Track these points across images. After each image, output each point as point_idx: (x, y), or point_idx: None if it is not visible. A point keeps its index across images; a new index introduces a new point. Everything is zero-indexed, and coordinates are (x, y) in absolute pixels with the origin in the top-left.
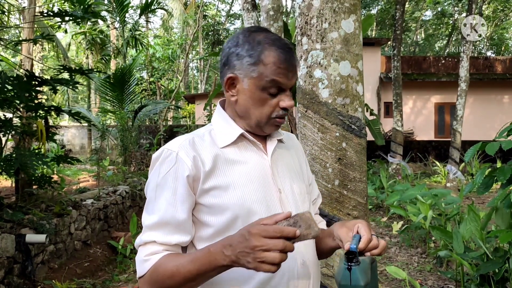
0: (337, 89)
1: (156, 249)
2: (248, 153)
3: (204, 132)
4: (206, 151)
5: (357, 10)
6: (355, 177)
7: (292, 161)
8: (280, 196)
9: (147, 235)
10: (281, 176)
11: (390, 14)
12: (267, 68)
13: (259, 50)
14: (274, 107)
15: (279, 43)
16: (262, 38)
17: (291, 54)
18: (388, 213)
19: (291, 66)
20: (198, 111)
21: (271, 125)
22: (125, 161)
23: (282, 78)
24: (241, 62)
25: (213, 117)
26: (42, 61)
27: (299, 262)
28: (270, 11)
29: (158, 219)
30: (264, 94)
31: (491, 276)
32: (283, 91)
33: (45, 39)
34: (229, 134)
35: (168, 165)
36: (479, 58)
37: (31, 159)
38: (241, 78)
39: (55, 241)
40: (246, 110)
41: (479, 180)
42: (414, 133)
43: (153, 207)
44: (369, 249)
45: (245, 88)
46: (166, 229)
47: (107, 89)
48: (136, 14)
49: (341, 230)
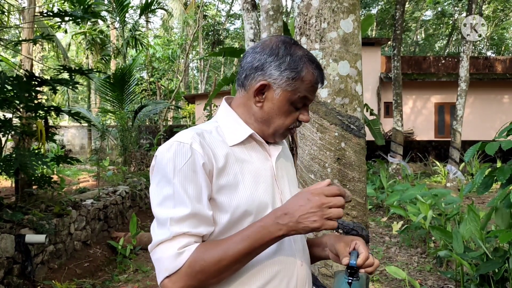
0: (336, 89)
1: (188, 240)
2: (255, 153)
3: (211, 128)
4: (218, 147)
5: (356, 10)
6: (354, 177)
7: (289, 167)
8: (281, 197)
9: (176, 228)
10: (282, 179)
11: (390, 14)
12: (303, 85)
13: (301, 67)
14: (295, 119)
15: (316, 62)
16: (303, 54)
17: (323, 73)
18: (388, 213)
19: (321, 84)
20: (198, 111)
21: (283, 135)
22: (125, 161)
23: (311, 95)
24: (281, 73)
25: (218, 114)
26: (42, 61)
27: (299, 263)
28: (269, 11)
29: (188, 211)
30: (291, 107)
31: (490, 276)
32: (305, 106)
33: (45, 39)
34: (239, 134)
35: (183, 157)
36: (479, 58)
37: (31, 159)
38: (274, 88)
39: (55, 241)
40: (268, 118)
41: (479, 180)
42: (414, 133)
43: (175, 201)
44: (365, 266)
45: (275, 98)
46: (195, 220)
47: (107, 89)
48: (136, 14)
49: (338, 245)
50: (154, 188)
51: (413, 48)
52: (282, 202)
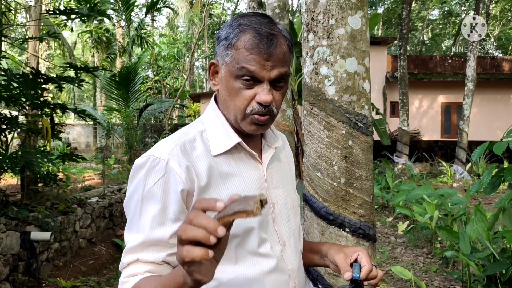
0: (343, 86)
1: (137, 270)
2: (243, 164)
3: (194, 135)
4: (200, 160)
5: (364, 7)
6: (361, 175)
7: (285, 168)
8: (273, 211)
9: (129, 257)
10: (275, 188)
11: (396, 13)
12: (239, 53)
13: (235, 33)
14: (249, 100)
15: (257, 26)
16: (245, 21)
17: (270, 41)
18: (394, 213)
19: (267, 55)
20: (203, 110)
21: (249, 123)
22: (130, 160)
23: (254, 66)
24: (219, 46)
25: (205, 114)
26: (48, 59)
27: (292, 285)
28: (276, 9)
29: (143, 239)
30: (237, 83)
31: (498, 277)
32: (259, 82)
33: (51, 37)
34: (224, 142)
35: (155, 175)
36: (486, 58)
37: (37, 157)
38: (220, 65)
39: (60, 239)
40: (224, 102)
41: (486, 180)
42: (420, 133)
43: (137, 225)
44: (368, 278)
45: (223, 76)
46: (149, 247)
47: (113, 87)
48: (142, 12)
49: (338, 256)
50: (125, 202)
51: (419, 47)
52: (275, 217)
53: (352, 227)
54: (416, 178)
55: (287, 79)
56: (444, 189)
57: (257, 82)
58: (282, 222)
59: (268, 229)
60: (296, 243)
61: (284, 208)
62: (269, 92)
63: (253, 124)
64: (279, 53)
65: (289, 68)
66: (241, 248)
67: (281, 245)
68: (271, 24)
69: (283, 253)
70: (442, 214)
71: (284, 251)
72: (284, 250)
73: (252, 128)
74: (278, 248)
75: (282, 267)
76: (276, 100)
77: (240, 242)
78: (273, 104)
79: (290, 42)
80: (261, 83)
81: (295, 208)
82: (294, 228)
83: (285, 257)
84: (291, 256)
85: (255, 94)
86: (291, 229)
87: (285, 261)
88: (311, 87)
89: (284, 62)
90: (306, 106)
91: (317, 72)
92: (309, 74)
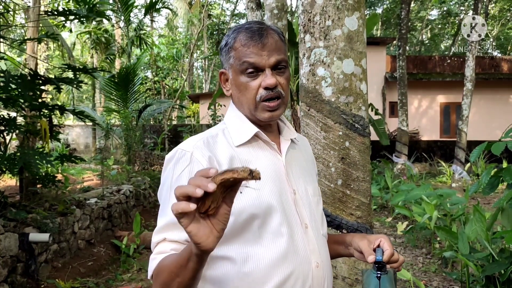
0: (340, 87)
1: (164, 248)
2: (262, 152)
3: (217, 132)
4: (222, 151)
5: (361, 7)
6: (358, 176)
7: (305, 163)
8: (294, 197)
9: (157, 237)
10: (295, 177)
11: (395, 14)
12: (238, 52)
13: (232, 37)
14: (256, 89)
15: (248, 26)
16: (238, 27)
17: (260, 33)
18: (393, 213)
19: (260, 44)
20: (202, 110)
21: (262, 110)
22: (129, 160)
23: (253, 57)
24: (222, 54)
25: (226, 116)
26: (47, 60)
27: (314, 264)
28: (274, 9)
29: (169, 220)
30: (243, 77)
31: (496, 277)
32: (262, 71)
33: (50, 38)
34: (244, 133)
35: (182, 165)
36: (485, 58)
37: (35, 158)
38: (227, 71)
39: (59, 240)
40: (238, 101)
41: (485, 181)
42: (419, 133)
43: (167, 209)
44: (390, 262)
45: (231, 79)
46: (177, 229)
47: (112, 88)
48: (141, 13)
49: (362, 242)
50: (158, 191)
51: (418, 47)
52: (296, 202)
53: (349, 228)
54: (415, 178)
55: (287, 64)
56: (443, 189)
57: (260, 71)
58: (303, 206)
59: (291, 212)
60: (318, 227)
61: (305, 195)
62: (272, 76)
63: (266, 111)
64: (272, 42)
65: (285, 55)
66: (263, 228)
67: (303, 227)
68: (260, 23)
69: (306, 234)
70: (441, 214)
71: (306, 232)
72: (306, 231)
73: (266, 115)
74: (300, 230)
75: (303, 247)
76: (282, 84)
77: (262, 223)
78: (279, 87)
79: (281, 34)
80: (263, 71)
81: (316, 196)
82: (316, 214)
83: (307, 238)
84: (313, 238)
85: (261, 82)
86: (313, 214)
87: (307, 241)
88: (308, 88)
89: (279, 50)
90: (303, 108)
91: (314, 74)
92: (306, 76)
